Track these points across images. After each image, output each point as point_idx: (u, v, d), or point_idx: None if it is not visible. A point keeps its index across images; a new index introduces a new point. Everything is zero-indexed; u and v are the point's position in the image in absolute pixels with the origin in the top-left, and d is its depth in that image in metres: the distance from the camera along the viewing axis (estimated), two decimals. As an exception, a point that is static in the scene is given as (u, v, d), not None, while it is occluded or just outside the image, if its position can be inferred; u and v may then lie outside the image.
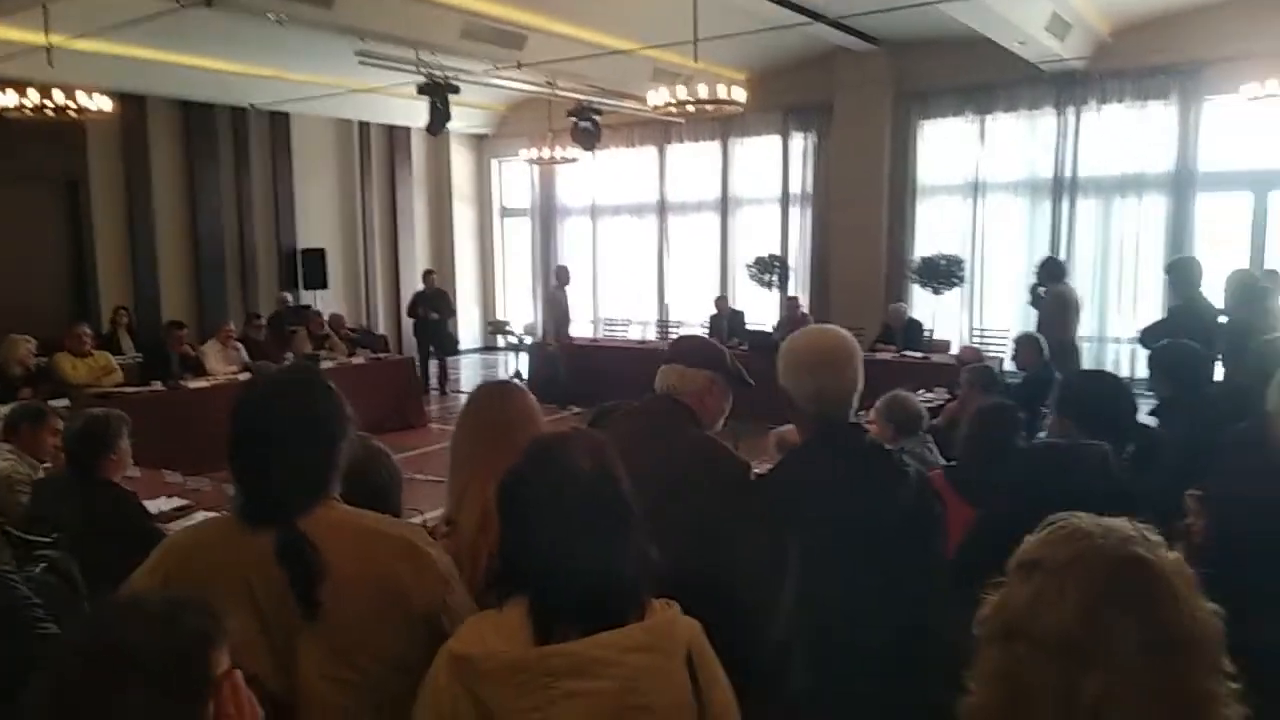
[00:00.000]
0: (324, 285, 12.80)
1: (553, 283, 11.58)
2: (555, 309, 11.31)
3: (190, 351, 8.59)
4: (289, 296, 12.00)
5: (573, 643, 1.39)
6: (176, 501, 4.26)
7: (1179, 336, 4.91)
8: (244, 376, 8.47)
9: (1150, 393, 3.96)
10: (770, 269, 12.03)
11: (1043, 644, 1.05)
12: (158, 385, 7.77)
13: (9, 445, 4.00)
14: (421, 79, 9.71)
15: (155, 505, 4.03)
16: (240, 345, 9.20)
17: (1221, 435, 2.73)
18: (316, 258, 12.81)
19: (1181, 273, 5.97)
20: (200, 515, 4.08)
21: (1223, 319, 5.55)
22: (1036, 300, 8.24)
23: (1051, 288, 8.06)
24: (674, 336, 11.49)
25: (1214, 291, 5.98)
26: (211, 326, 10.67)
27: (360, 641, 1.58)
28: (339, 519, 1.65)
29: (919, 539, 1.98)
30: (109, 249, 11.06)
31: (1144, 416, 4.48)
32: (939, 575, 2.00)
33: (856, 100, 11.33)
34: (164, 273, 11.53)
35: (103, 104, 7.99)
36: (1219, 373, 4.84)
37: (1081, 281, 10.74)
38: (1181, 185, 10.04)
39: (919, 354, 9.29)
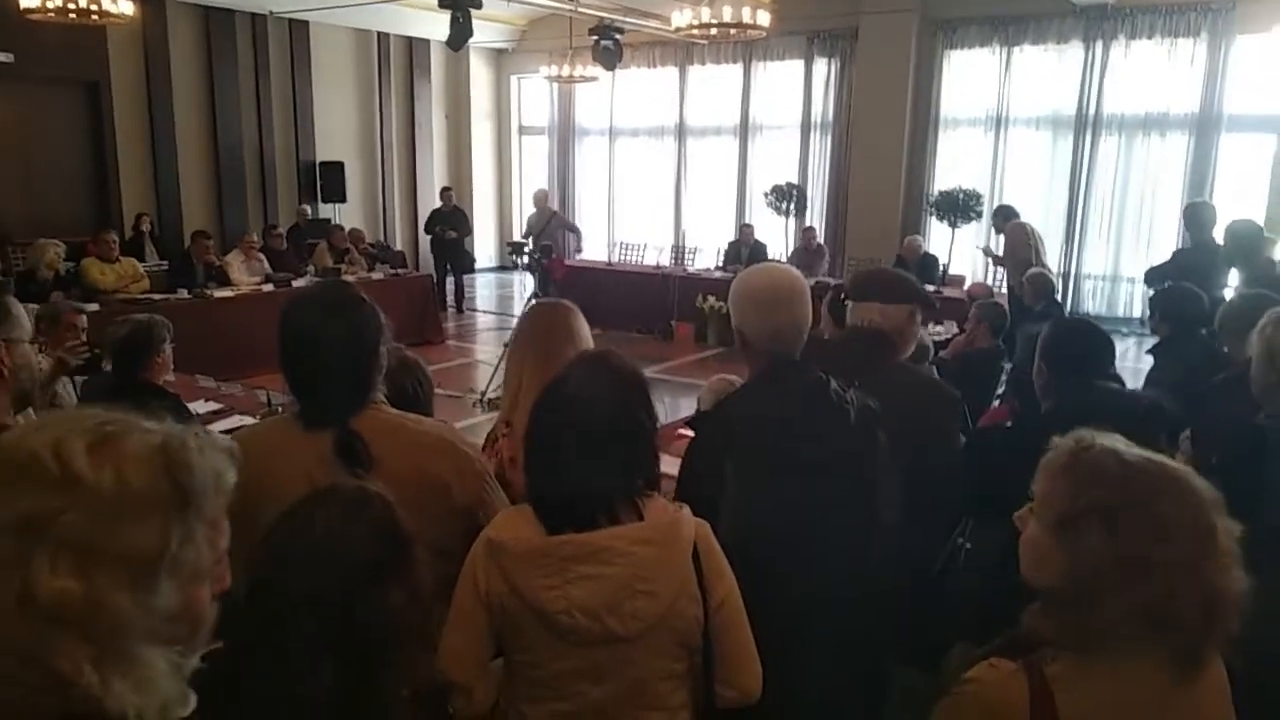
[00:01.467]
0: (343, 199, 12.86)
1: (529, 203, 11.57)
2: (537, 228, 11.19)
3: (215, 261, 8.73)
4: (308, 209, 12.08)
5: (589, 533, 1.59)
6: (212, 405, 4.47)
7: (1181, 279, 5.03)
8: (268, 288, 8.63)
9: (1150, 332, 4.08)
10: (787, 197, 12.02)
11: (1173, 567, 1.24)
12: (184, 293, 7.94)
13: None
14: (444, -9, 9.60)
15: (192, 409, 4.22)
16: (263, 256, 9.34)
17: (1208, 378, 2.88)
18: (335, 170, 12.83)
19: (1194, 217, 6.02)
20: (236, 418, 4.29)
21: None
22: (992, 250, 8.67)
23: (1011, 224, 8.24)
24: (688, 259, 11.58)
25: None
26: (231, 235, 10.82)
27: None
28: (386, 420, 1.85)
29: (858, 475, 2.06)
30: (130, 154, 11.11)
31: (1144, 355, 4.62)
32: (883, 509, 2.10)
33: (882, 26, 11.17)
34: (185, 180, 11.59)
35: (124, 7, 7.98)
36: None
37: (1098, 219, 10.77)
38: (1205, 126, 9.97)
39: (932, 288, 9.34)
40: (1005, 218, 8.59)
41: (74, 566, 0.85)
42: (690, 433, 2.40)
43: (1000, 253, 8.72)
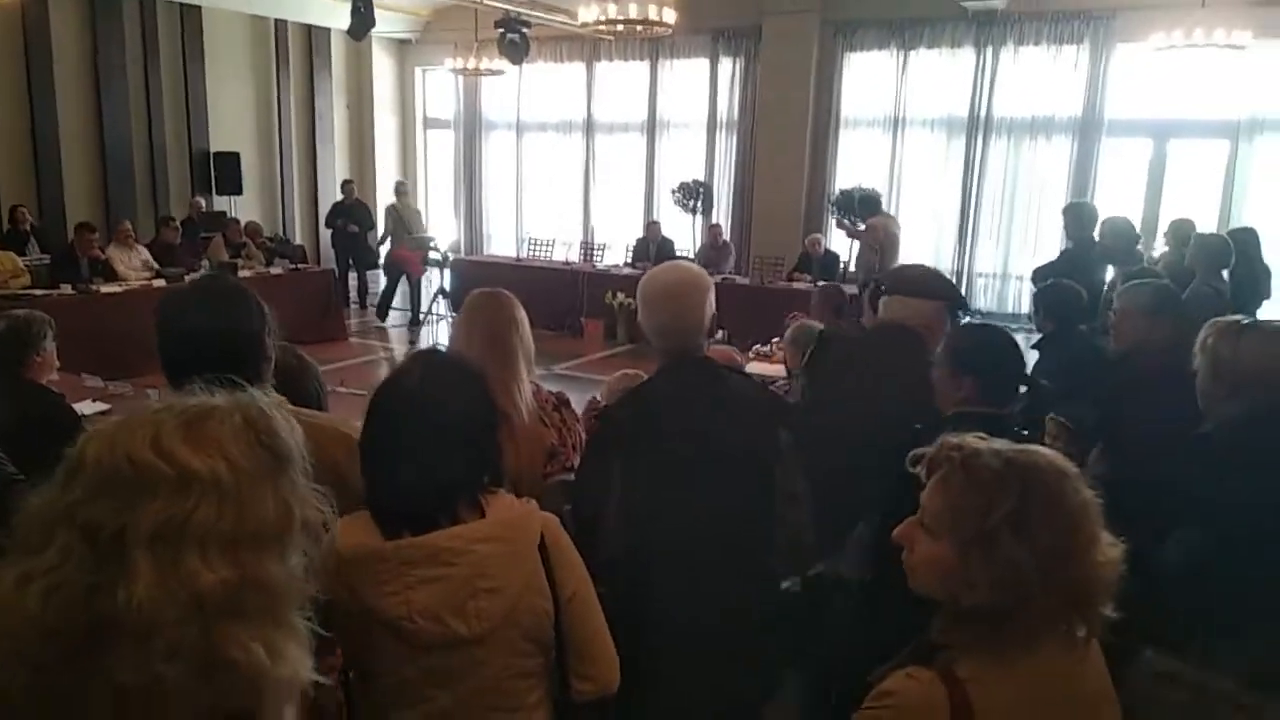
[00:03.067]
0: (238, 191, 12.43)
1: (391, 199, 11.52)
2: (397, 224, 11.15)
3: (100, 255, 8.35)
4: (202, 201, 11.65)
5: (427, 535, 1.58)
6: (100, 406, 4.28)
7: (1066, 277, 5.29)
8: (158, 283, 8.30)
9: (1035, 329, 4.26)
10: (694, 195, 12.16)
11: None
12: (67, 289, 7.57)
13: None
14: (344, -21, 9.40)
15: (78, 409, 4.04)
16: (141, 246, 8.95)
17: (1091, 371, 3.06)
18: (231, 161, 12.40)
19: (1073, 216, 6.32)
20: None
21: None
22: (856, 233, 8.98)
23: (871, 220, 8.53)
24: (597, 255, 11.61)
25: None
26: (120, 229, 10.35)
27: None
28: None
29: (759, 468, 2.10)
30: (8, 144, 10.51)
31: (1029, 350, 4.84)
32: (779, 508, 2.12)
33: (784, 27, 11.39)
34: (68, 171, 11.03)
35: (1, -11, 7.56)
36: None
37: (987, 219, 11.23)
38: (1087, 130, 10.49)
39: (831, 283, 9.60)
40: (870, 209, 8.80)
41: (223, 556, 0.87)
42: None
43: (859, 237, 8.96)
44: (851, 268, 10.73)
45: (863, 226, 8.91)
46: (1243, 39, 8.21)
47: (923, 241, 11.55)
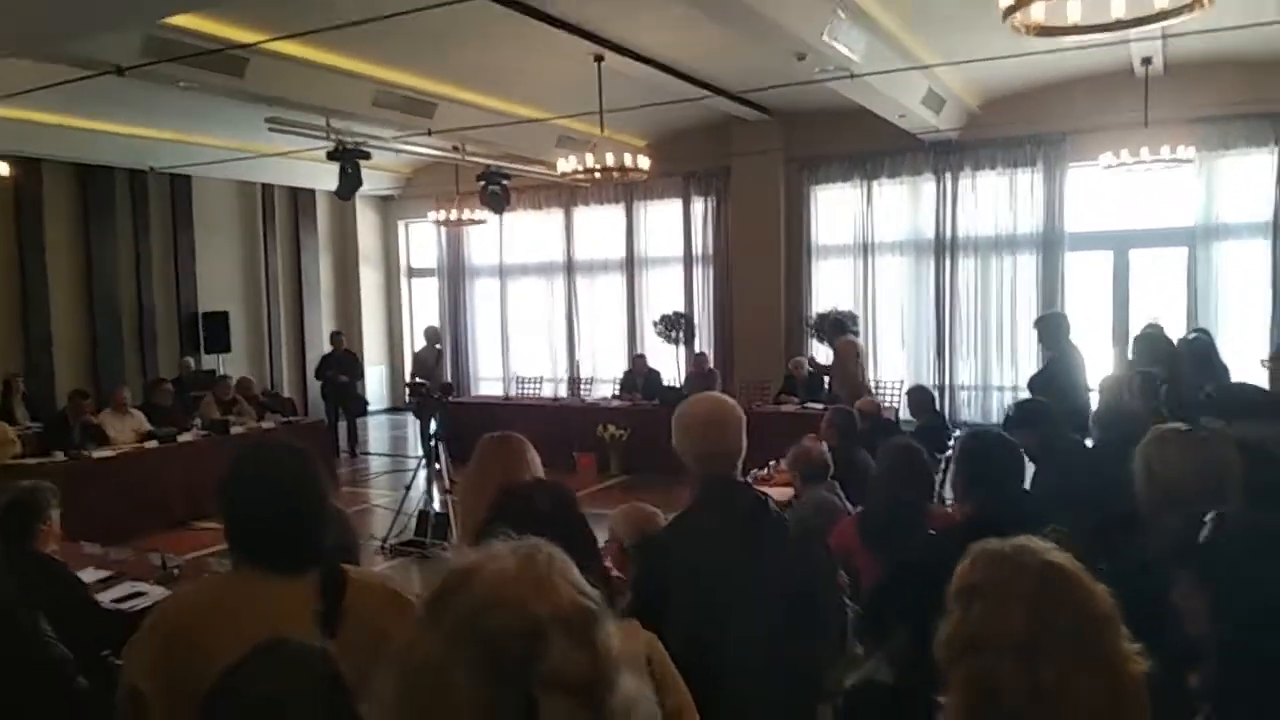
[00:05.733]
0: (227, 349, 12.60)
1: (421, 343, 11.61)
2: (422, 369, 11.27)
3: (93, 420, 8.37)
4: (191, 361, 11.77)
5: None
6: (101, 573, 4.24)
7: (1059, 384, 5.45)
8: (150, 444, 8.31)
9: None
10: (676, 326, 12.43)
11: (1002, 650, 1.30)
12: (60, 456, 7.56)
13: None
14: (331, 145, 9.83)
15: (81, 577, 4.00)
16: (137, 411, 8.98)
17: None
18: (219, 321, 12.62)
19: (1047, 327, 6.52)
20: (128, 585, 4.09)
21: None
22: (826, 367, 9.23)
23: (839, 340, 8.75)
24: (585, 390, 11.73)
25: (1082, 344, 6.58)
26: (109, 392, 10.40)
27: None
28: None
29: (802, 591, 2.15)
30: (0, 314, 10.70)
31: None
32: (827, 624, 2.20)
33: (752, 166, 11.95)
34: (59, 338, 11.18)
35: (-3, 167, 7.86)
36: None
37: (962, 333, 11.52)
38: (1050, 245, 10.92)
39: (820, 405, 9.74)
40: (838, 331, 9.02)
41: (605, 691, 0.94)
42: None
43: (831, 363, 9.16)
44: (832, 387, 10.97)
45: (827, 353, 9.15)
46: (1187, 153, 8.69)
47: (901, 358, 11.82)
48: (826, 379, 9.90)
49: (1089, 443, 4.29)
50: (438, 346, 11.28)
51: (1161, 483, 2.21)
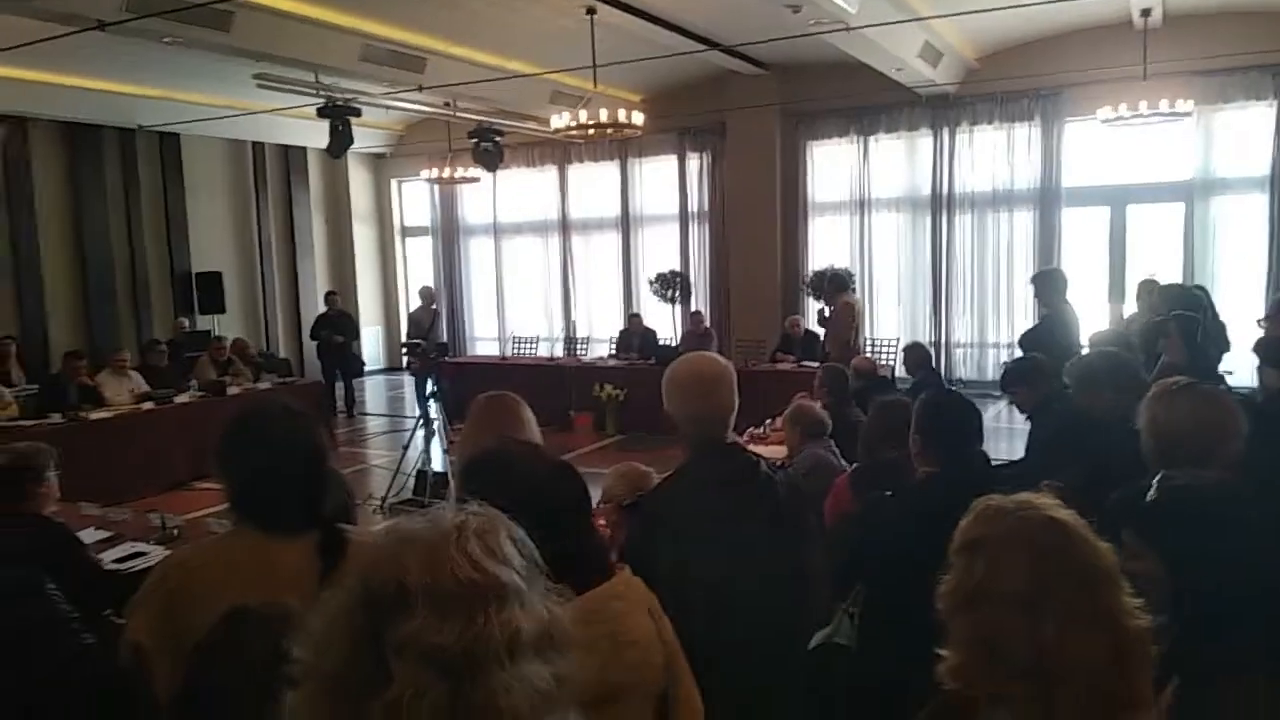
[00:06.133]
0: (221, 309, 12.55)
1: (417, 303, 11.56)
2: (417, 329, 11.25)
3: (88, 382, 8.36)
4: (185, 321, 11.71)
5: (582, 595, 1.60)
6: (101, 533, 4.26)
7: (1051, 342, 5.44)
8: (147, 405, 8.30)
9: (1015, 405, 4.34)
10: (672, 285, 12.39)
11: (1004, 603, 1.31)
12: (56, 417, 7.56)
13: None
14: (321, 102, 9.70)
15: (81, 538, 4.02)
16: (135, 373, 8.97)
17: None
18: (213, 281, 12.55)
19: (1043, 284, 6.50)
20: (128, 545, 4.12)
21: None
22: (824, 319, 9.15)
23: (838, 298, 8.70)
24: (581, 350, 11.72)
25: (1078, 300, 6.57)
26: (103, 353, 10.37)
27: None
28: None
29: (786, 548, 2.18)
30: (-10, 277, 10.65)
31: (1015, 417, 4.93)
32: (809, 580, 2.22)
33: (747, 122, 11.82)
34: (51, 299, 11.13)
35: (-16, 127, 7.75)
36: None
37: (959, 290, 11.50)
38: (1047, 200, 10.87)
39: (816, 364, 9.74)
40: (837, 288, 9.00)
41: (543, 657, 0.93)
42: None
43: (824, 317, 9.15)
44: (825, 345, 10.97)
45: (829, 309, 9.10)
46: (1185, 107, 8.61)
47: (898, 316, 11.82)
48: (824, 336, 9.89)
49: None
50: (433, 306, 11.21)
51: (1167, 436, 2.22)
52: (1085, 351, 5.70)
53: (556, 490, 1.65)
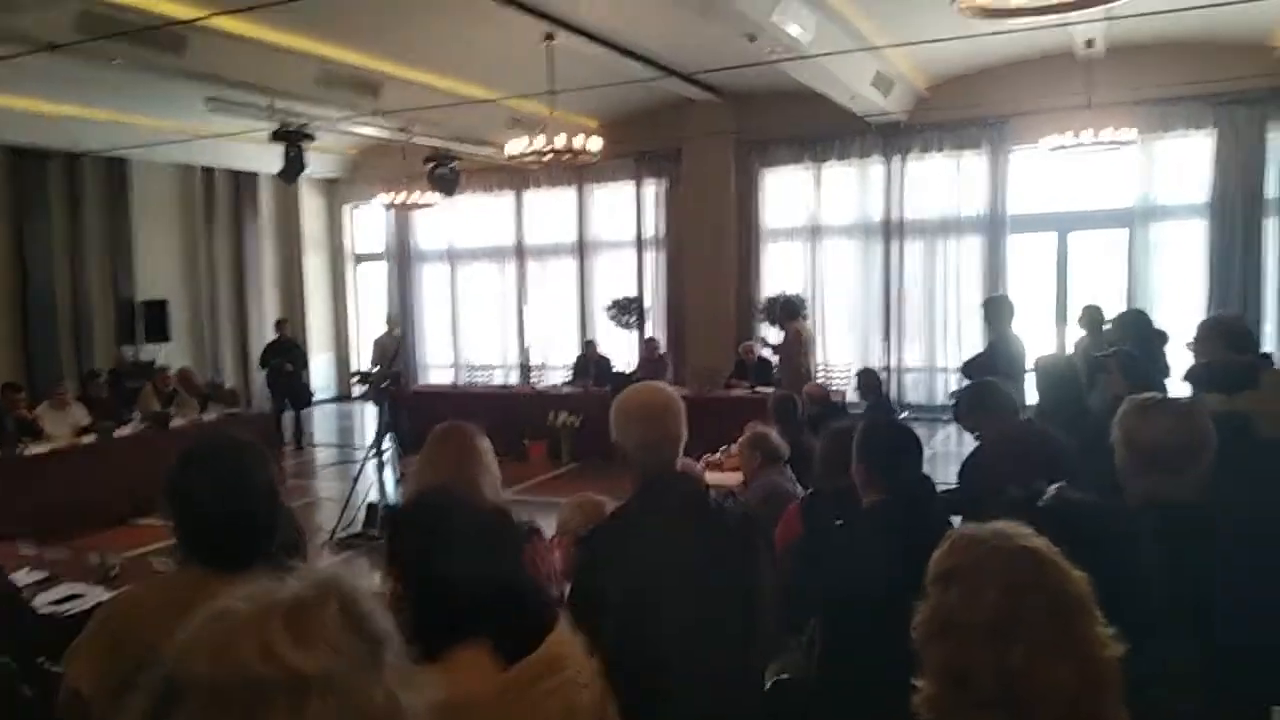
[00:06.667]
0: (166, 338, 12.27)
1: (377, 330, 11.48)
2: (382, 356, 11.08)
3: (26, 415, 8.09)
4: (129, 351, 11.44)
5: (542, 647, 1.58)
6: (37, 574, 4.09)
7: (996, 368, 5.49)
8: (88, 439, 8.05)
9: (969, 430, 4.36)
10: (628, 310, 12.40)
11: (973, 632, 1.31)
12: (-10, 453, 7.30)
13: None
14: (275, 126, 9.58)
15: (16, 579, 3.86)
16: (77, 404, 8.70)
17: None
18: (157, 309, 12.28)
19: (993, 310, 6.59)
20: (65, 587, 3.95)
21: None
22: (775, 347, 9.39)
23: (790, 325, 8.85)
24: (535, 377, 11.66)
25: (1024, 326, 6.67)
26: (43, 384, 10.06)
27: None
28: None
29: (737, 576, 2.18)
30: (-77, 304, 10.31)
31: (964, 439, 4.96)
32: (760, 609, 2.21)
33: (702, 148, 11.93)
34: (-11, 325, 10.80)
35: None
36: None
37: (909, 316, 11.66)
38: (994, 227, 11.09)
39: (768, 389, 9.78)
40: (789, 315, 9.11)
41: None
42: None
43: (775, 345, 9.30)
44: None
45: (778, 335, 9.25)
46: (1128, 135, 8.87)
47: (850, 341, 11.94)
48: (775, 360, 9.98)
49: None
50: (396, 333, 11.11)
51: (1144, 450, 2.26)
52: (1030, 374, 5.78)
53: (498, 535, 1.63)
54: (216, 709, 0.79)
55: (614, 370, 10.90)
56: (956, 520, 2.71)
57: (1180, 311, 9.98)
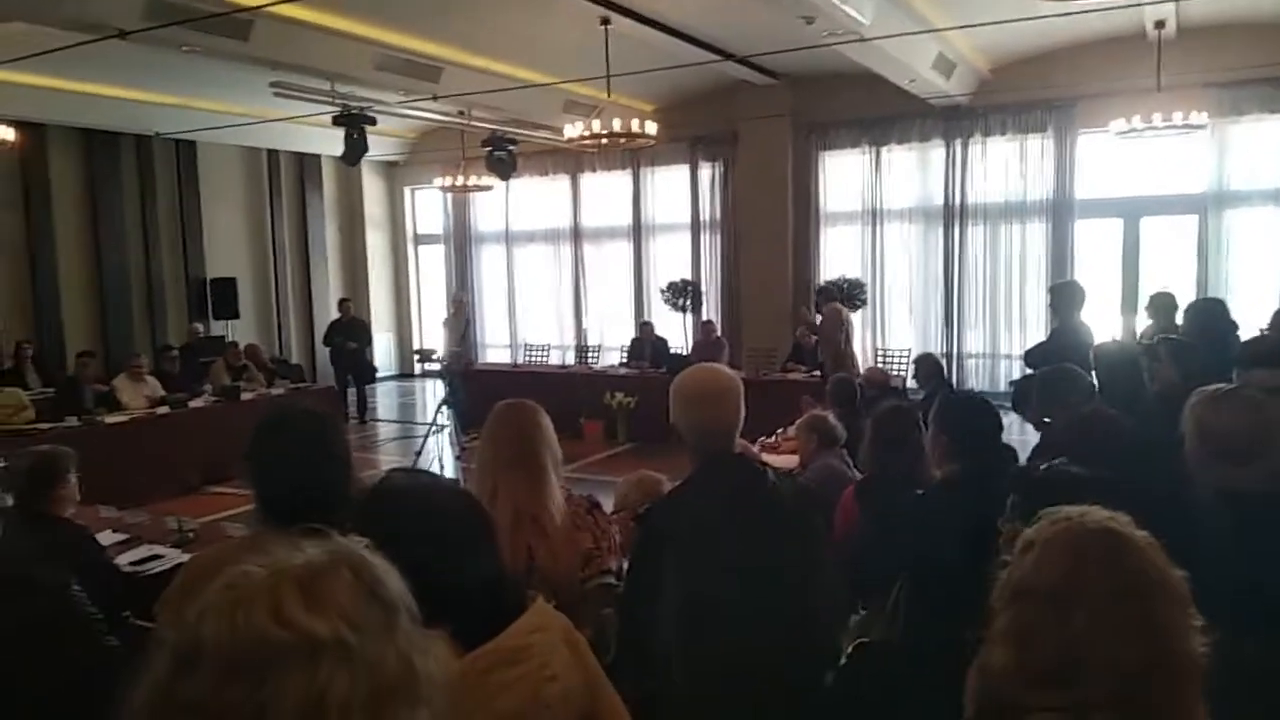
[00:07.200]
0: (235, 315, 12.64)
1: (450, 310, 11.67)
2: (453, 336, 11.27)
3: (102, 387, 8.42)
4: (199, 327, 11.82)
5: (498, 638, 1.52)
6: (119, 536, 4.30)
7: (1061, 357, 5.39)
8: (162, 410, 8.37)
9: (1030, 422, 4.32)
10: (683, 293, 12.41)
11: (1039, 597, 1.34)
12: (72, 421, 7.62)
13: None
14: (337, 110, 9.78)
15: (100, 540, 4.06)
16: (151, 378, 9.03)
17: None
18: (227, 287, 12.65)
19: (1062, 296, 6.43)
20: (145, 548, 4.16)
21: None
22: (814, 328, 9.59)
23: (827, 307, 8.85)
24: (592, 358, 11.76)
25: (1091, 313, 6.52)
26: (118, 358, 10.48)
27: None
28: None
29: (796, 554, 2.19)
30: (8, 281, 10.76)
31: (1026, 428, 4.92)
32: (820, 585, 2.22)
33: (760, 132, 11.86)
34: (67, 305, 11.24)
35: (3, 133, 7.85)
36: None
37: (971, 301, 11.49)
38: (1060, 212, 10.85)
39: (817, 373, 9.75)
40: (826, 298, 9.22)
41: None
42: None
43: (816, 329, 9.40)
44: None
45: (819, 318, 9.30)
46: (1199, 119, 8.61)
47: (910, 326, 11.82)
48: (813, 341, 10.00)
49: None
50: (465, 316, 11.32)
51: (1214, 441, 2.28)
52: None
53: (462, 520, 1.59)
54: (231, 671, 0.80)
55: (670, 352, 10.95)
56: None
57: (1255, 299, 9.72)
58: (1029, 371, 6.13)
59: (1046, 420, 3.96)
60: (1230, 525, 2.11)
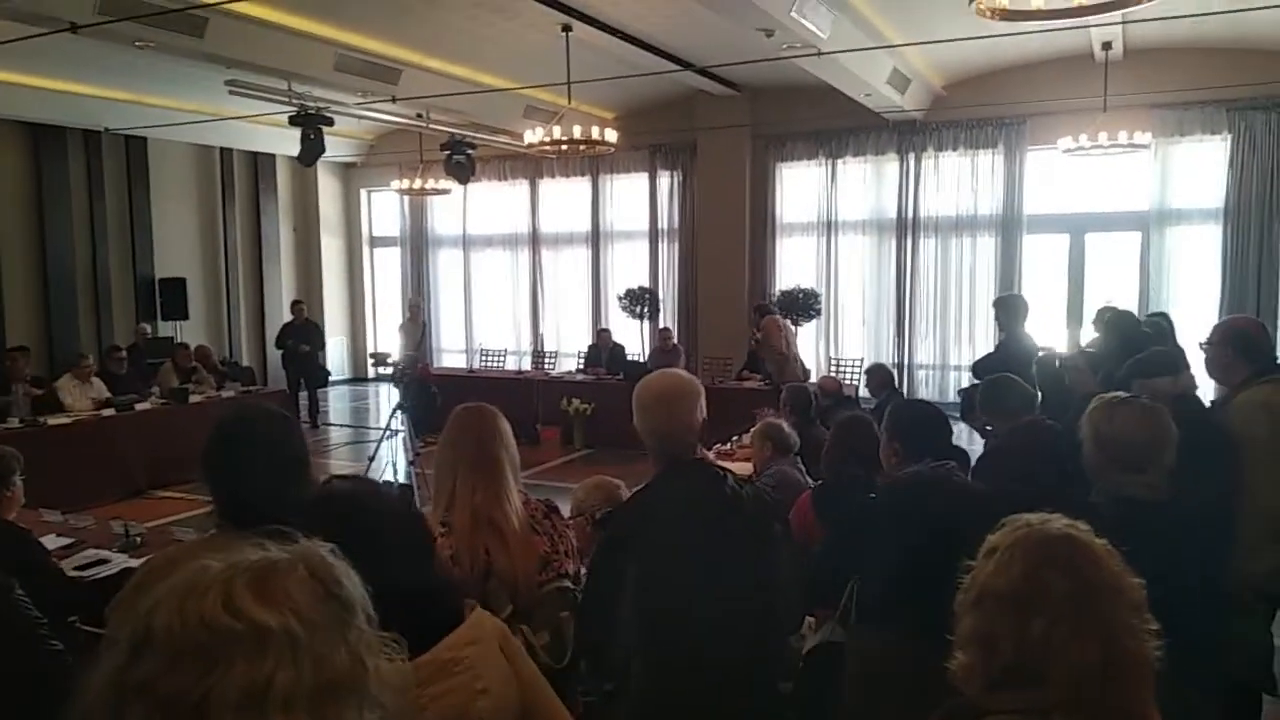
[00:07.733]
0: (184, 316, 12.41)
1: (406, 314, 11.62)
2: (410, 342, 11.18)
3: (37, 390, 8.20)
4: (147, 327, 11.58)
5: (433, 650, 1.52)
6: (63, 540, 4.21)
7: (1006, 368, 5.52)
8: (107, 412, 8.18)
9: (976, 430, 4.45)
10: (641, 301, 12.46)
11: (1000, 600, 1.39)
12: (14, 422, 7.41)
13: None
14: (293, 110, 9.67)
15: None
16: (97, 379, 8.81)
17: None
18: (176, 287, 12.42)
19: (1006, 309, 6.59)
20: (90, 552, 4.07)
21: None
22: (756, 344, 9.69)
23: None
24: (549, 363, 11.75)
25: (1037, 326, 6.68)
26: (62, 358, 10.21)
27: None
28: None
29: (754, 559, 2.22)
30: (-54, 277, 10.46)
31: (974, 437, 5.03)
32: (777, 590, 2.27)
33: (718, 142, 11.97)
34: (10, 300, 10.94)
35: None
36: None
37: (922, 313, 11.70)
38: (1009, 226, 11.10)
39: (767, 381, 9.85)
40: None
41: (307, 715, 0.84)
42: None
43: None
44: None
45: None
46: (1143, 139, 8.88)
47: (862, 336, 11.99)
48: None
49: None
50: (420, 320, 11.25)
51: (1109, 447, 2.35)
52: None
53: (400, 529, 1.58)
54: (179, 656, 0.82)
55: (627, 358, 10.98)
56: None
57: (1195, 314, 10.02)
58: (976, 382, 6.26)
59: (989, 428, 4.07)
60: (1122, 531, 2.19)
